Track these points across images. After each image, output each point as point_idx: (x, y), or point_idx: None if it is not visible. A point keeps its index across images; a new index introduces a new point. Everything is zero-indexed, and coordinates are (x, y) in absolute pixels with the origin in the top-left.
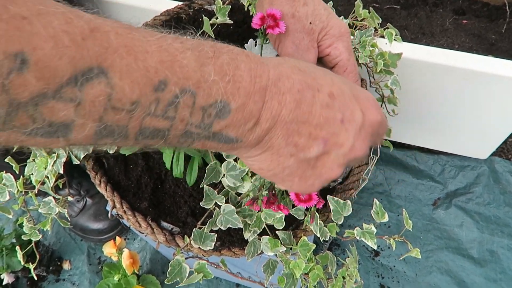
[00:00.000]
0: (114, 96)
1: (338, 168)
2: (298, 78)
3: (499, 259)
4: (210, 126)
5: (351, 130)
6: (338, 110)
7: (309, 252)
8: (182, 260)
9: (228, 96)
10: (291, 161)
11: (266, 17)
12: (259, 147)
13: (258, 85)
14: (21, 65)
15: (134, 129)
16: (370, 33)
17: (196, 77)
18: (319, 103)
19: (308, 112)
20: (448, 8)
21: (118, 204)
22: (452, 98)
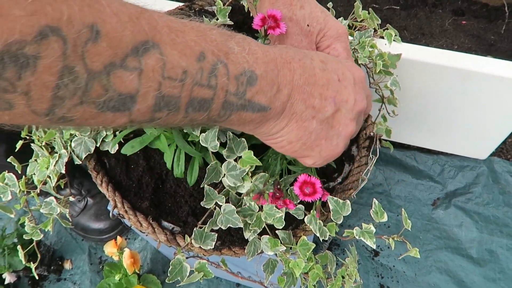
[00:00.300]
0: (167, 65)
1: (351, 122)
2: (294, 51)
3: (498, 259)
4: (244, 93)
5: (348, 86)
6: (332, 71)
7: (309, 251)
8: (183, 259)
9: (251, 65)
10: (314, 124)
11: (267, 18)
12: (284, 115)
13: (269, 57)
14: (96, 35)
15: (185, 98)
16: (369, 34)
17: (225, 49)
18: (317, 67)
19: (313, 75)
20: (448, 9)
21: (119, 203)
22: (451, 98)
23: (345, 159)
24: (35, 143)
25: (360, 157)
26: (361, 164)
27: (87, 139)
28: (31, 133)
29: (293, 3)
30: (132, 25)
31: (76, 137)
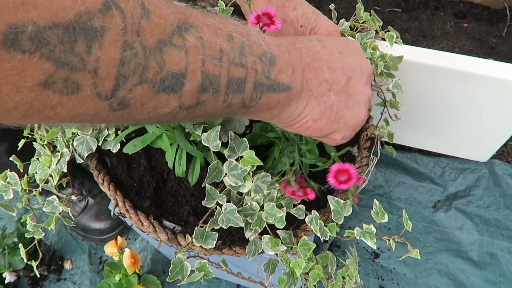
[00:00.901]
0: (206, 44)
1: (365, 87)
2: (291, 36)
3: (499, 261)
4: (269, 73)
5: (351, 56)
6: (332, 46)
7: (310, 251)
8: (183, 258)
9: (269, 47)
10: (332, 96)
11: (262, 16)
12: (304, 95)
13: (276, 42)
14: (147, 12)
15: (224, 78)
16: (371, 36)
17: (245, 31)
18: (317, 46)
19: (316, 52)
20: (449, 12)
21: (120, 202)
22: (453, 100)
23: (345, 160)
24: (37, 141)
25: (361, 158)
26: (362, 165)
27: (89, 138)
28: (33, 132)
29: (286, 4)
30: (170, 6)
31: (78, 136)
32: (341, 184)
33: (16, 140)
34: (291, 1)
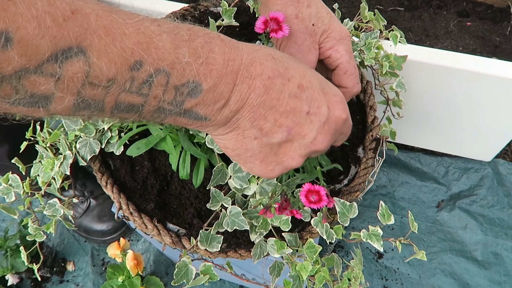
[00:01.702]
0: (91, 74)
1: (299, 158)
2: (271, 66)
3: (503, 261)
4: (182, 103)
5: (315, 123)
6: (306, 101)
7: (316, 254)
8: (188, 261)
9: (200, 77)
10: (255, 143)
11: (269, 21)
12: (226, 127)
13: (231, 68)
14: (6, 42)
15: (110, 103)
16: (375, 35)
17: (170, 59)
18: (288, 92)
19: (276, 99)
20: (452, 10)
21: (124, 205)
22: (456, 100)
23: (351, 161)
24: (39, 144)
25: (367, 159)
26: (367, 166)
27: (92, 141)
28: (36, 134)
29: (300, 0)
30: (55, 30)
31: (81, 138)
32: (312, 204)
33: (17, 143)
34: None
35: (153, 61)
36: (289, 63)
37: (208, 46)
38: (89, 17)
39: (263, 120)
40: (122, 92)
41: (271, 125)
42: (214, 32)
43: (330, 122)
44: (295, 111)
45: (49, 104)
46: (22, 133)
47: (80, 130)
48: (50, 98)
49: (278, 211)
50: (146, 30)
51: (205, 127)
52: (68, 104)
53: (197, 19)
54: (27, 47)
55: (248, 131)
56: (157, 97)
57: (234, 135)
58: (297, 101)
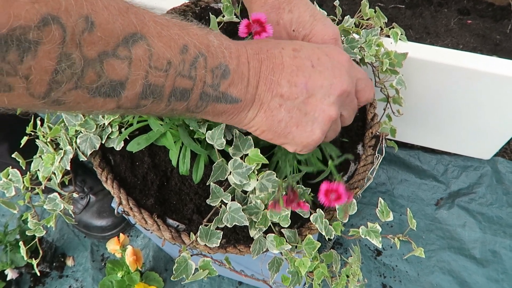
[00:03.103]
0: (154, 56)
1: (329, 106)
2: (263, 42)
3: (502, 259)
4: (218, 85)
5: (324, 71)
6: (306, 58)
7: (314, 250)
8: (188, 257)
9: (226, 59)
10: (282, 111)
11: (252, 23)
12: (254, 107)
13: (241, 51)
14: (91, 26)
15: (169, 88)
16: (376, 33)
17: (205, 43)
18: (287, 55)
19: (280, 63)
20: (453, 8)
21: (124, 200)
22: (456, 98)
23: (350, 158)
24: (40, 139)
25: (366, 156)
26: (367, 163)
27: (92, 136)
28: (36, 129)
29: (282, 6)
30: (122, 18)
31: (81, 133)
32: (332, 202)
33: (17, 140)
34: (288, 3)
35: (195, 45)
36: (275, 40)
37: (221, 36)
38: (140, 11)
39: (278, 86)
40: (177, 75)
41: (287, 88)
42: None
43: (336, 64)
44: (301, 68)
45: (122, 92)
46: (23, 132)
47: (81, 125)
48: (124, 84)
49: (286, 204)
50: (179, 22)
51: (239, 112)
52: (137, 90)
53: (198, 15)
54: (106, 31)
55: (271, 102)
56: (201, 80)
57: (263, 113)
58: (298, 59)
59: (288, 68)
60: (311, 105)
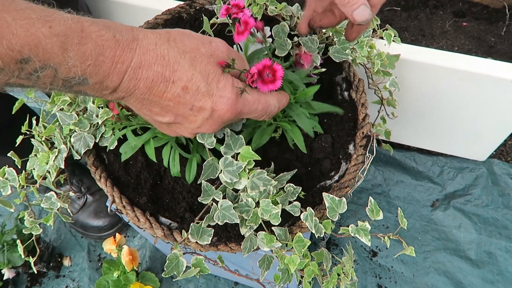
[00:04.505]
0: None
1: (189, 134)
2: (157, 70)
3: (497, 260)
4: (70, 88)
5: (199, 116)
6: (189, 101)
7: (304, 248)
8: (179, 254)
9: (87, 75)
10: (148, 118)
11: (231, 7)
12: (122, 101)
13: (118, 69)
14: None
15: (0, 84)
16: (368, 34)
17: (58, 59)
18: (171, 92)
19: (159, 96)
20: (448, 11)
21: (117, 199)
22: (451, 99)
23: (342, 158)
24: (35, 138)
25: (357, 156)
26: (357, 162)
27: (86, 135)
28: (32, 129)
29: None
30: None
31: (75, 132)
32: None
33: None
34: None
35: (40, 60)
36: (180, 64)
37: (99, 49)
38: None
39: (150, 106)
40: (12, 77)
41: (158, 110)
42: (111, 32)
43: (215, 118)
44: (179, 105)
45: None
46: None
47: (75, 124)
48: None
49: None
50: (36, 32)
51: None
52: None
53: (193, 16)
54: None
55: (140, 110)
56: (46, 83)
57: (133, 107)
58: (181, 99)
59: (165, 102)
60: (174, 127)
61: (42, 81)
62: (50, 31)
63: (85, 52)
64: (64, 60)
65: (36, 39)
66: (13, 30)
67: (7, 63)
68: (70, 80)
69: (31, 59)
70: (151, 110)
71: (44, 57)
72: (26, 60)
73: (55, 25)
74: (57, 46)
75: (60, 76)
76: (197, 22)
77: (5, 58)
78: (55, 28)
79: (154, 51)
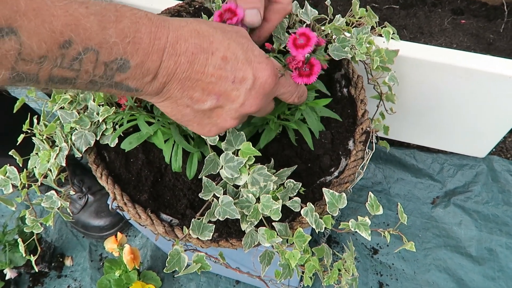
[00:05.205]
0: (23, 52)
1: (232, 120)
2: (194, 42)
3: (498, 257)
4: (112, 77)
5: (242, 89)
6: (230, 71)
7: (305, 243)
8: (181, 250)
9: (127, 55)
10: (188, 110)
11: (224, 13)
12: (159, 96)
13: (157, 46)
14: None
15: (44, 77)
16: (366, 31)
17: (98, 39)
18: (212, 64)
19: (201, 72)
20: (447, 8)
21: (118, 196)
22: (450, 96)
23: (341, 154)
24: (36, 136)
25: (357, 152)
26: (357, 158)
27: (87, 133)
28: (33, 127)
29: None
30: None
31: (76, 130)
32: (302, 48)
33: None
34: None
35: (82, 40)
36: (214, 36)
37: (135, 26)
38: (18, 0)
39: (192, 90)
40: (54, 67)
41: (200, 94)
42: (142, 11)
43: (257, 87)
44: (221, 81)
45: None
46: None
47: (76, 122)
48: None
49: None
50: (74, 12)
51: (139, 96)
52: (3, 77)
53: (192, 15)
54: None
55: (180, 100)
56: (88, 72)
57: (169, 103)
58: (222, 71)
59: (207, 79)
60: (216, 113)
61: (84, 68)
62: (87, 11)
63: (123, 29)
64: (104, 40)
65: (75, 19)
66: (53, 12)
67: (50, 48)
68: (112, 65)
69: (73, 42)
70: (192, 97)
71: (85, 37)
72: (68, 42)
73: (91, 5)
74: (96, 24)
75: (102, 59)
76: None
77: (48, 42)
78: (91, 8)
79: (187, 26)
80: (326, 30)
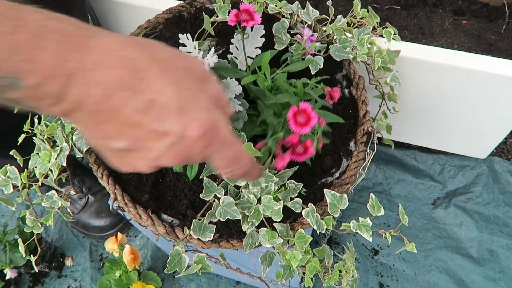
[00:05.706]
0: None
1: (148, 168)
2: (117, 74)
3: (498, 258)
4: (3, 93)
5: (159, 144)
6: (151, 121)
7: (306, 244)
8: (181, 250)
9: (20, 74)
10: (100, 141)
11: (241, 13)
12: (68, 118)
13: (63, 70)
14: None
15: None
16: (368, 31)
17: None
18: (132, 106)
19: (117, 110)
20: (448, 9)
21: (119, 196)
22: (451, 97)
23: (343, 155)
24: (37, 136)
25: (358, 153)
26: (358, 159)
27: None
28: (34, 127)
29: None
30: None
31: (77, 130)
32: (301, 127)
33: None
34: None
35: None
36: (149, 71)
37: (38, 41)
38: None
39: (104, 125)
40: None
41: (113, 131)
42: (65, 21)
43: (180, 147)
44: (140, 126)
45: None
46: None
47: None
48: None
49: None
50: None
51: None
52: None
53: (193, 15)
54: None
55: (90, 131)
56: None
57: (80, 127)
58: (141, 118)
59: (122, 119)
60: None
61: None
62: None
63: (19, 43)
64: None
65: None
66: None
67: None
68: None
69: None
70: (104, 132)
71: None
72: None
73: None
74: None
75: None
76: (197, 21)
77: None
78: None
79: (117, 51)
80: (327, 31)
